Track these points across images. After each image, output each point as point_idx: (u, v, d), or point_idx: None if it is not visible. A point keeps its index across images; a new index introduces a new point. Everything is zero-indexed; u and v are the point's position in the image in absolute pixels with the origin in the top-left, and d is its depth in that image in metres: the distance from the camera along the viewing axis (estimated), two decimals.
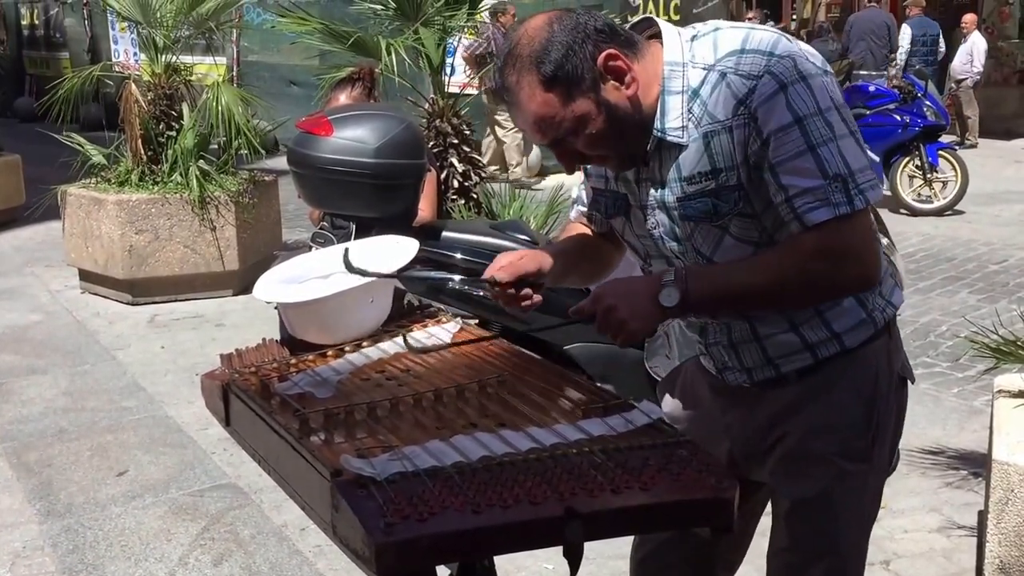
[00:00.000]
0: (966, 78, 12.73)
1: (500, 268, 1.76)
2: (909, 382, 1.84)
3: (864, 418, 1.74)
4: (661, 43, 1.64)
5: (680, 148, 1.62)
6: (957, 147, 10.11)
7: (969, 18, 13.05)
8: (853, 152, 1.57)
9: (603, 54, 1.57)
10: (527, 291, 1.77)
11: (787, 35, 1.63)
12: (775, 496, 1.85)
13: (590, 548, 1.34)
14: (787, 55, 1.56)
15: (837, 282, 1.62)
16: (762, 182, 1.59)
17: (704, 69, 1.60)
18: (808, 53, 1.60)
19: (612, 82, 1.58)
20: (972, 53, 12.71)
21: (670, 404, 1.95)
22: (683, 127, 1.61)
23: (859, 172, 1.56)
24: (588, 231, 1.94)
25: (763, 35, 1.60)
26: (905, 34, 12.32)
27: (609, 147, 1.64)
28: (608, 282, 1.68)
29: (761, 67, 1.55)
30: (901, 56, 11.99)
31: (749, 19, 12.48)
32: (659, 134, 1.63)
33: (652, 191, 1.69)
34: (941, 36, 12.65)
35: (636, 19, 1.70)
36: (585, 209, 1.92)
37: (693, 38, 1.64)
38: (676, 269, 1.64)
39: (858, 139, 1.59)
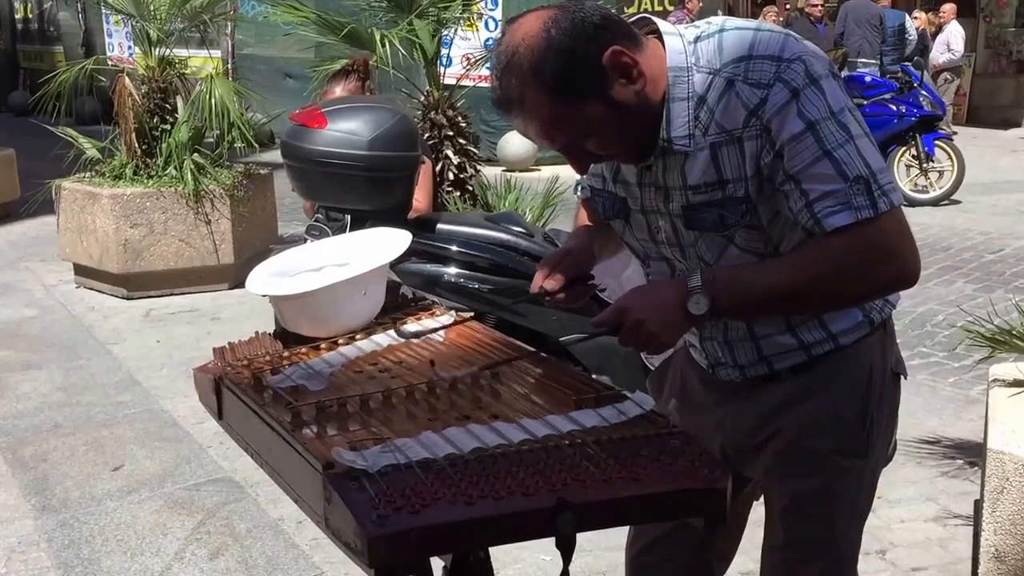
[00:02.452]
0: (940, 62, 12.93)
1: (547, 278, 1.77)
2: (903, 378, 1.81)
3: (859, 414, 1.72)
4: (661, 42, 1.56)
5: (685, 156, 1.56)
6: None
7: (948, 8, 13.17)
8: (871, 153, 1.50)
9: (608, 52, 1.48)
10: (580, 289, 1.81)
11: (793, 34, 1.56)
12: (770, 492, 1.83)
13: (586, 539, 1.34)
14: (796, 58, 1.49)
15: (874, 280, 1.54)
16: (775, 194, 1.53)
17: (709, 73, 1.53)
18: (814, 53, 1.53)
19: (620, 79, 1.50)
20: (948, 42, 12.88)
21: (662, 399, 1.94)
22: (690, 135, 1.55)
23: (880, 173, 1.49)
24: None
25: (770, 37, 1.52)
26: None
27: (621, 144, 1.58)
28: (631, 292, 1.62)
29: (771, 74, 1.49)
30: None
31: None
32: (664, 143, 1.56)
33: (655, 197, 1.65)
34: (907, 22, 12.68)
35: (633, 18, 1.62)
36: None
37: (697, 39, 1.56)
38: (703, 273, 1.54)
39: (871, 140, 1.53)
